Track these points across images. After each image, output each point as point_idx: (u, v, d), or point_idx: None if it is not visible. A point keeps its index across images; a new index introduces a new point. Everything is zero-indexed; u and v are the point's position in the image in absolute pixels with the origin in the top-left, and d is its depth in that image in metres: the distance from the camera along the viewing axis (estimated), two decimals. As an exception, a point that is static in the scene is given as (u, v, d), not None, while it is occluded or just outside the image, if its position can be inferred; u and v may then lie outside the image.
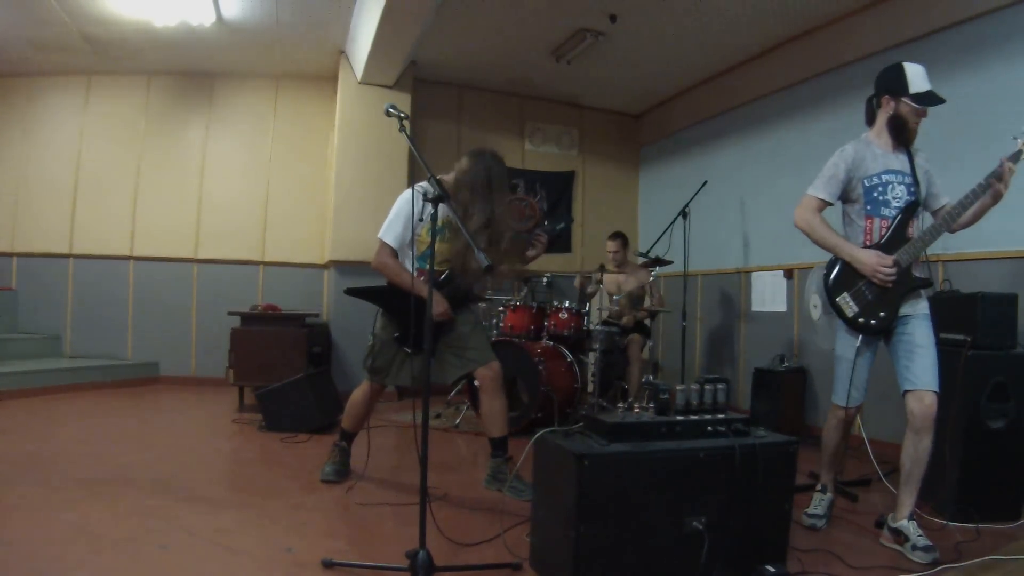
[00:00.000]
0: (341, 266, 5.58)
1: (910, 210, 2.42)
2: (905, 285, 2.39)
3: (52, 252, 5.84)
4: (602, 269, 4.46)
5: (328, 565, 2.01)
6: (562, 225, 3.13)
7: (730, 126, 5.63)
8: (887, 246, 2.41)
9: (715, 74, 5.68)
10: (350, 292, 2.93)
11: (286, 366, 4.59)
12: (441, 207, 2.10)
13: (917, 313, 2.41)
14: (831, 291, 2.47)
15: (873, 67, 2.58)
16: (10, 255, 5.83)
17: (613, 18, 4.70)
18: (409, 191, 2.23)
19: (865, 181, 2.44)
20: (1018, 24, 3.40)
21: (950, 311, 2.90)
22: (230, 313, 5.07)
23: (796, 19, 4.58)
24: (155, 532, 2.26)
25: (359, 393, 3.00)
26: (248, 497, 2.77)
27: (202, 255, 5.99)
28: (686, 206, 5.10)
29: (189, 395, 5.37)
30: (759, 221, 5.20)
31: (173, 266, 5.95)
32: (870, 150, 2.47)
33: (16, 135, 5.89)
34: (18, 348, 5.52)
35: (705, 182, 5.24)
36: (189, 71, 5.99)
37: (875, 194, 2.43)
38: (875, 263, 2.35)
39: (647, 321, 5.01)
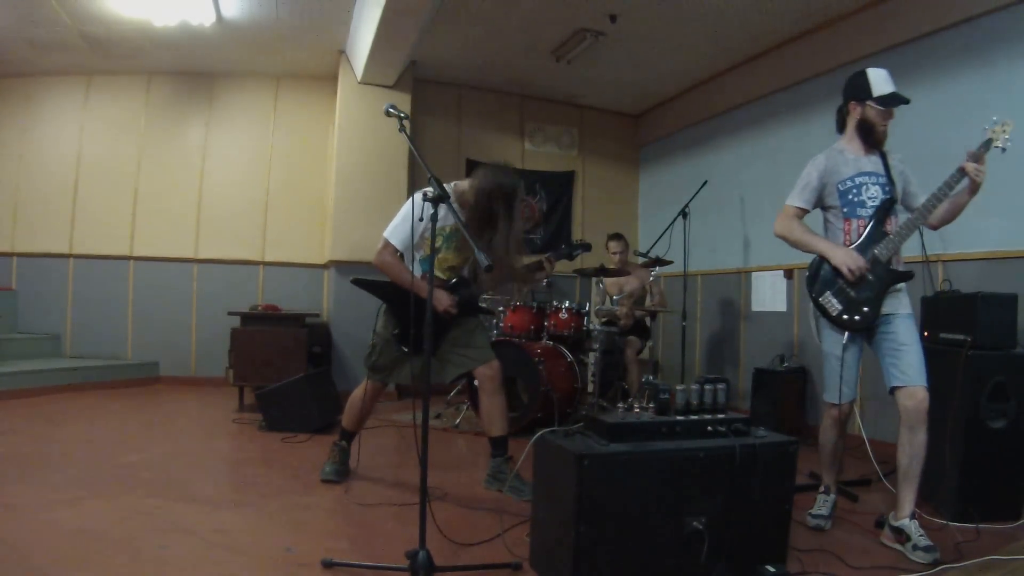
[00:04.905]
0: (341, 266, 5.57)
1: (886, 207, 2.48)
2: (886, 279, 2.44)
3: (52, 252, 5.84)
4: (602, 270, 4.45)
5: (328, 565, 2.01)
6: (579, 252, 3.17)
7: (730, 126, 5.63)
8: (866, 244, 2.46)
9: (715, 74, 5.68)
10: (357, 282, 2.95)
11: (286, 366, 4.59)
12: (449, 213, 2.10)
13: (900, 312, 2.46)
14: (815, 291, 2.53)
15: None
16: (10, 255, 5.82)
17: (613, 18, 4.69)
18: (419, 195, 2.22)
19: (839, 185, 2.51)
20: (1018, 24, 3.40)
21: (950, 311, 2.90)
22: (230, 313, 5.06)
23: (796, 19, 4.57)
24: (155, 532, 2.26)
25: (359, 392, 3.00)
26: (248, 497, 2.77)
27: (202, 255, 5.99)
28: (686, 206, 5.10)
29: (189, 395, 5.37)
30: (759, 221, 5.20)
31: (173, 266, 5.94)
32: (842, 156, 2.54)
33: (16, 135, 5.88)
34: (18, 348, 5.52)
35: (705, 182, 5.24)
36: (189, 71, 5.99)
37: (850, 196, 2.50)
38: (846, 258, 2.42)
39: (647, 320, 5.01)
